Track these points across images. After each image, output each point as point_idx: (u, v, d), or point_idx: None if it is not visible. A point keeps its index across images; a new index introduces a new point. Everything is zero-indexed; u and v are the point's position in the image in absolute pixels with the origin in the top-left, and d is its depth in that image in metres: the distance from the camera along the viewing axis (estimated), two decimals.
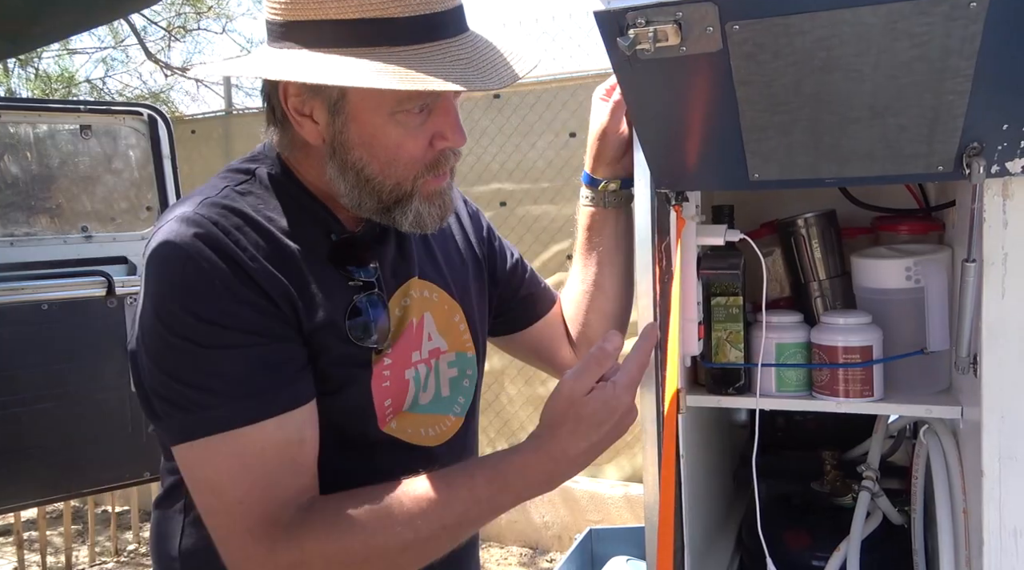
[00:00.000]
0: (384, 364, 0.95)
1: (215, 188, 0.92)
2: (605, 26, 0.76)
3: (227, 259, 0.83)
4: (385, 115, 0.87)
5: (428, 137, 0.89)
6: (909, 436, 1.42)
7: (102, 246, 2.59)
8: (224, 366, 0.82)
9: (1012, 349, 0.89)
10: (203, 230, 0.84)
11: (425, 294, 1.04)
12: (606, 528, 2.29)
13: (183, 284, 0.83)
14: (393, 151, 0.89)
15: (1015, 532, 0.90)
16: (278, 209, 0.93)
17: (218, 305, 0.82)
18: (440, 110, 0.89)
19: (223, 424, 0.81)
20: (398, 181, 0.90)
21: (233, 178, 0.95)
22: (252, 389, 0.82)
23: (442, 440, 1.04)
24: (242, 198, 0.91)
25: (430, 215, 0.93)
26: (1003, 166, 0.83)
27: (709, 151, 0.94)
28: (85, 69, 7.43)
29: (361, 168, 0.90)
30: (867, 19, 0.71)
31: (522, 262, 1.24)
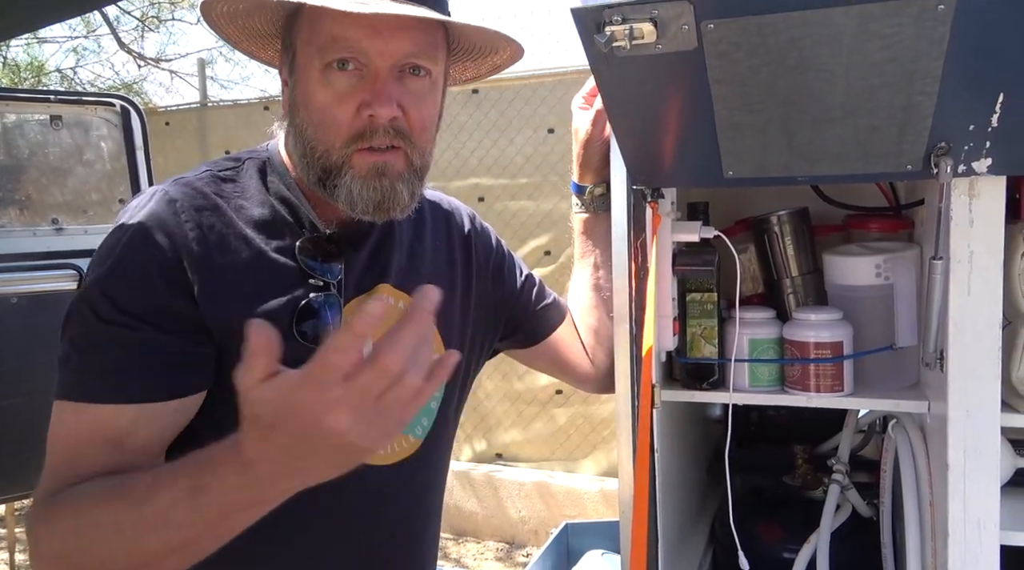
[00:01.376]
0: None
1: (197, 169, 0.94)
2: (582, 23, 0.77)
3: (166, 241, 0.84)
4: (317, 73, 0.87)
5: (355, 104, 0.87)
6: (878, 431, 1.44)
7: (73, 239, 2.55)
8: (102, 341, 0.83)
9: (978, 345, 0.91)
10: (158, 208, 0.86)
11: (399, 305, 1.01)
12: (582, 522, 2.30)
13: (110, 257, 0.85)
14: (322, 112, 0.88)
15: (979, 524, 0.92)
16: (254, 199, 0.93)
17: (127, 285, 0.83)
18: (371, 76, 0.87)
19: (72, 393, 0.83)
20: (327, 147, 0.89)
21: (220, 164, 0.96)
22: (108, 371, 0.83)
23: (395, 459, 1.00)
24: (218, 183, 0.92)
25: (363, 195, 0.89)
26: (969, 166, 0.85)
27: (684, 148, 0.95)
28: (55, 58, 7.30)
29: (303, 130, 0.91)
30: (839, 20, 0.72)
31: (531, 278, 1.23)
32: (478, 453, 3.88)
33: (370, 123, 0.87)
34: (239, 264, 0.88)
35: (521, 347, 1.23)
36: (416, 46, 0.88)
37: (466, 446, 3.89)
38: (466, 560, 3.61)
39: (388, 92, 0.87)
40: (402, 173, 0.91)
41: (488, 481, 3.75)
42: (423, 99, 0.91)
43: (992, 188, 0.89)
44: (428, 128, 0.93)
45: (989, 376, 0.91)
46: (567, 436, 3.67)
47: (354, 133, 0.88)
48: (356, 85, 0.87)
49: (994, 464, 0.92)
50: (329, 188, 0.90)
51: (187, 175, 0.92)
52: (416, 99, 0.90)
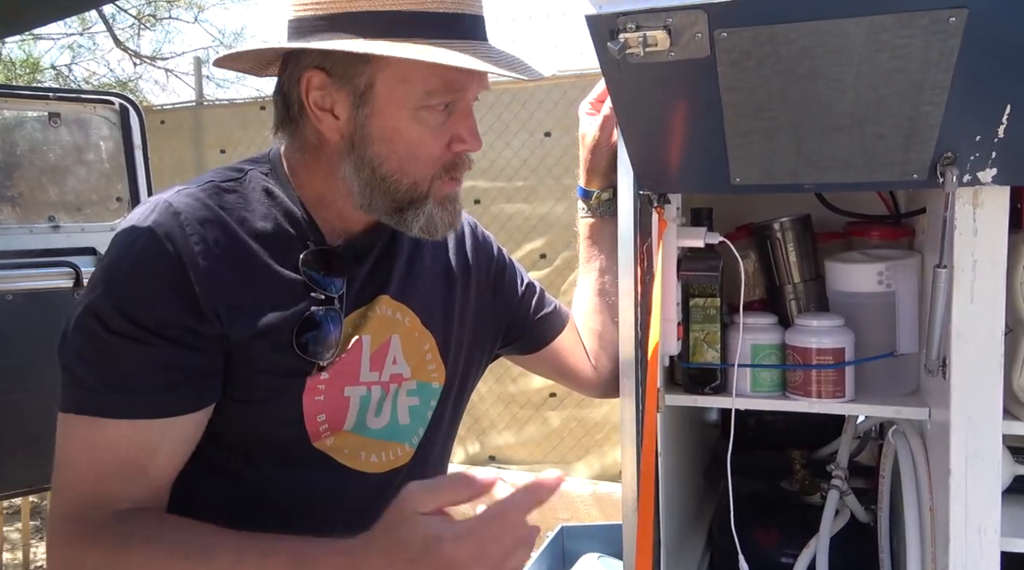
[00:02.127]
0: (320, 379, 0.93)
1: (200, 181, 0.93)
2: (596, 30, 0.77)
3: (172, 254, 0.84)
4: (410, 110, 0.88)
5: (447, 138, 0.91)
6: (875, 437, 1.46)
7: (70, 237, 2.54)
8: (115, 355, 0.83)
9: (980, 352, 0.92)
10: (162, 220, 0.86)
11: (397, 316, 1.02)
12: (577, 525, 2.30)
13: (118, 269, 0.85)
14: (413, 148, 0.90)
15: (980, 530, 0.93)
16: (257, 211, 0.93)
17: (138, 298, 0.83)
18: (460, 113, 0.91)
19: (86, 407, 0.83)
20: (415, 180, 0.91)
21: (222, 174, 0.95)
22: (126, 386, 0.83)
23: (387, 468, 1.01)
24: (221, 195, 0.91)
25: (442, 220, 0.94)
26: (975, 175, 0.86)
27: (693, 155, 0.96)
28: (50, 55, 7.26)
29: (379, 165, 0.91)
30: (850, 30, 0.73)
31: (532, 286, 1.24)
32: (471, 455, 3.88)
33: (459, 157, 0.93)
34: (243, 277, 0.89)
35: (522, 354, 1.24)
36: (487, 81, 0.94)
37: (459, 448, 3.89)
38: None
39: (476, 127, 0.93)
40: (460, 195, 0.97)
41: None
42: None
43: (996, 198, 0.90)
44: None
45: (991, 383, 0.92)
46: (560, 439, 3.67)
47: (444, 166, 0.92)
48: (444, 120, 0.91)
49: (995, 471, 0.93)
50: (408, 215, 0.93)
51: (189, 186, 0.92)
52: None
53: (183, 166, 4.60)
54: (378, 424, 1.00)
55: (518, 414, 3.74)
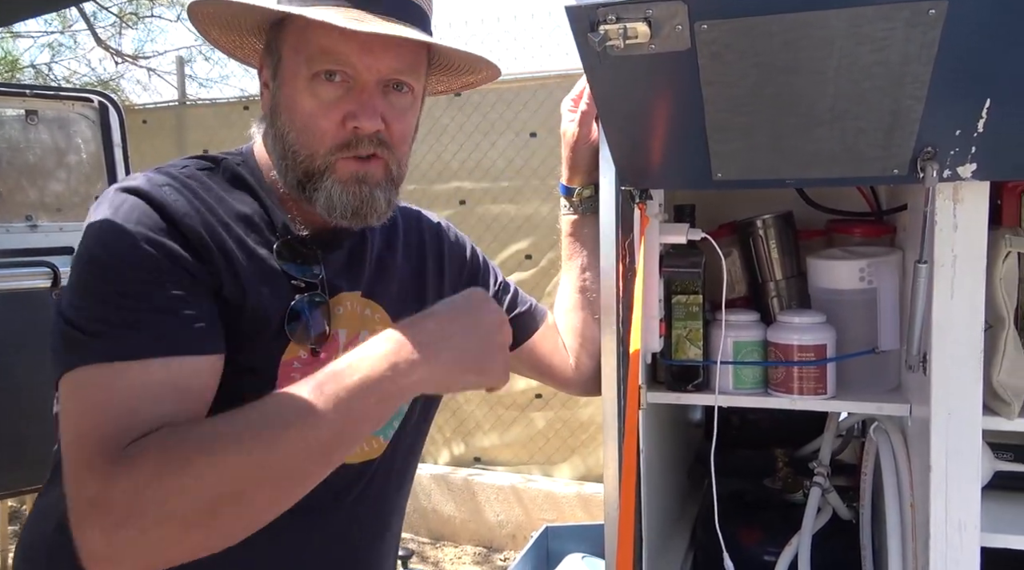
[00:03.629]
0: (294, 367, 0.92)
1: (177, 164, 0.93)
2: (576, 22, 0.76)
3: (162, 212, 0.84)
4: (304, 80, 0.89)
5: (341, 114, 0.90)
6: (857, 435, 1.46)
7: (48, 236, 2.50)
8: (126, 298, 0.79)
9: (960, 348, 0.92)
10: (148, 186, 0.85)
11: (366, 312, 1.02)
12: (561, 525, 2.30)
13: (114, 218, 0.83)
14: (306, 119, 0.90)
15: (960, 526, 0.93)
16: (232, 196, 0.93)
17: (140, 242, 0.81)
18: (357, 88, 0.90)
19: (103, 355, 0.76)
20: (310, 152, 0.91)
21: (198, 162, 0.95)
22: (145, 324, 0.78)
23: (361, 459, 1.00)
24: (196, 175, 0.92)
25: (341, 200, 0.91)
26: (955, 170, 0.86)
27: (674, 150, 0.95)
28: (30, 53, 7.16)
29: (285, 134, 0.92)
30: (831, 22, 0.73)
31: (506, 285, 1.23)
32: (456, 457, 3.86)
33: (355, 134, 0.91)
34: (230, 246, 0.88)
35: None
36: (402, 63, 0.91)
37: (444, 450, 3.87)
38: (444, 564, 3.59)
39: (374, 106, 0.90)
40: (380, 181, 0.94)
41: (466, 485, 3.74)
42: (404, 113, 0.95)
43: (976, 193, 0.90)
44: (407, 140, 0.97)
45: (971, 379, 0.92)
46: (546, 440, 3.66)
47: (339, 142, 0.91)
48: (342, 96, 0.90)
49: (975, 466, 0.93)
50: (309, 192, 0.92)
51: (167, 166, 0.92)
52: (398, 113, 0.93)
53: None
54: None
55: (503, 415, 3.73)
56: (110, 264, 0.80)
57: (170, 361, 0.78)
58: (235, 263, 0.88)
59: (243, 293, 0.87)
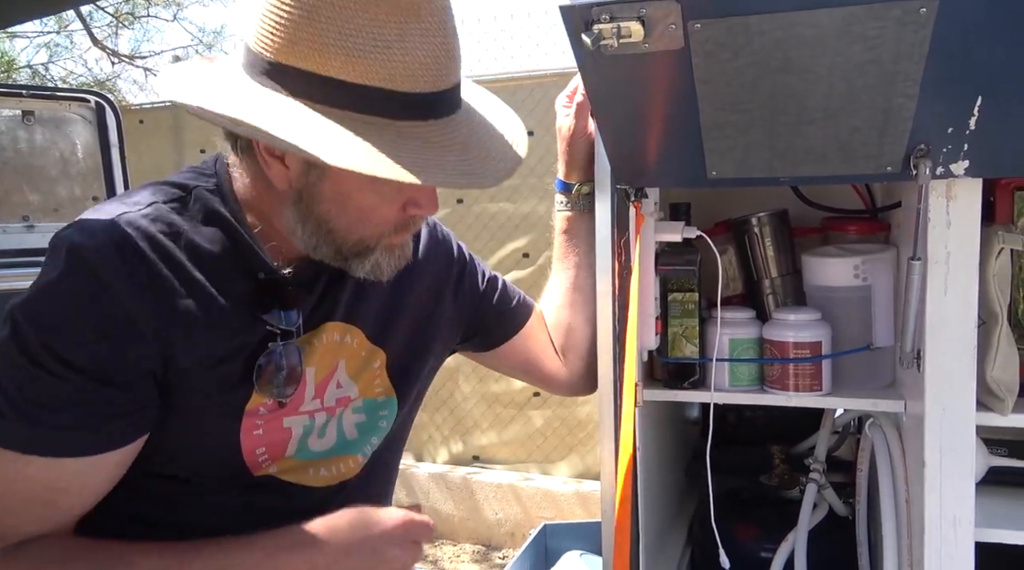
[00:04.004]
0: (258, 413, 0.90)
1: (141, 203, 0.86)
2: (570, 21, 0.77)
3: (110, 290, 0.78)
4: (365, 181, 0.79)
5: (402, 202, 0.86)
6: (853, 431, 1.46)
7: (44, 237, 2.47)
8: (35, 386, 0.77)
9: (954, 344, 0.93)
10: (101, 248, 0.79)
11: (346, 339, 0.98)
12: (560, 523, 2.30)
13: (48, 301, 0.78)
14: (365, 213, 0.85)
15: (955, 521, 0.94)
16: (203, 236, 0.87)
17: (66, 337, 0.77)
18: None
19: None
20: (362, 237, 0.87)
21: (166, 193, 0.88)
22: (42, 419, 0.77)
23: (338, 480, 0.99)
24: (164, 217, 0.85)
25: (388, 264, 0.90)
26: (947, 168, 0.87)
27: (669, 148, 0.96)
28: (26, 54, 7.13)
29: (327, 221, 0.86)
30: (823, 21, 0.73)
31: (494, 280, 1.20)
32: (454, 455, 3.86)
33: (413, 219, 0.89)
34: (190, 310, 0.83)
35: (481, 351, 1.21)
36: None
37: (442, 448, 3.88)
38: (442, 563, 3.59)
39: (435, 195, 0.88)
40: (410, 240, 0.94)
41: (464, 483, 3.74)
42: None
43: (969, 190, 0.90)
44: None
45: (965, 375, 0.93)
46: (544, 438, 3.67)
47: (396, 227, 0.88)
48: (402, 186, 0.81)
49: (969, 462, 0.93)
50: (353, 262, 0.89)
51: (130, 210, 0.84)
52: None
53: (162, 166, 4.54)
54: (322, 445, 0.97)
55: (501, 413, 3.74)
56: (34, 346, 0.77)
57: (53, 463, 0.78)
58: (193, 330, 0.83)
59: (200, 359, 0.84)
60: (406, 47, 0.77)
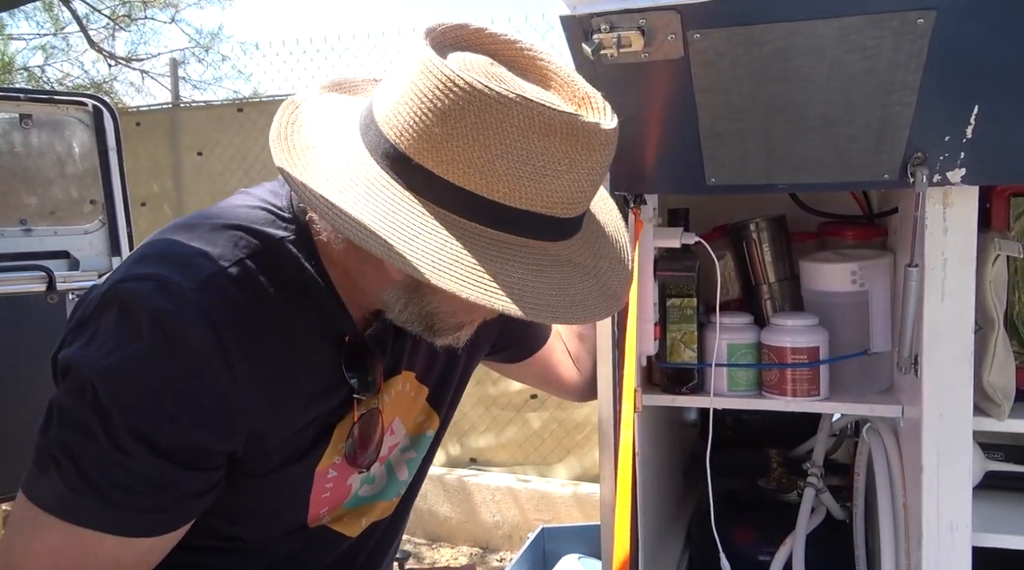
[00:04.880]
0: (328, 476, 0.88)
1: (226, 259, 0.77)
2: (570, 31, 0.77)
3: (203, 374, 0.73)
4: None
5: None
6: (850, 434, 1.47)
7: (43, 240, 2.50)
8: (113, 466, 0.72)
9: (951, 350, 0.93)
10: (195, 322, 0.72)
11: (406, 387, 0.97)
12: (557, 526, 2.31)
13: (136, 368, 0.71)
14: (473, 309, 0.76)
15: (952, 525, 0.94)
16: (289, 302, 0.80)
17: (156, 413, 0.72)
18: None
19: (68, 513, 0.72)
20: (460, 321, 0.83)
21: (249, 244, 0.79)
22: (116, 501, 0.73)
23: (364, 527, 0.97)
24: (253, 283, 0.78)
25: (467, 334, 0.86)
26: (944, 175, 0.87)
27: (668, 155, 0.96)
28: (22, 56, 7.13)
29: (434, 308, 0.81)
30: (822, 31, 0.74)
31: None
32: (452, 458, 3.86)
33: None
34: (283, 392, 0.80)
35: (507, 363, 1.22)
36: None
37: (441, 451, 3.86)
38: (440, 565, 3.59)
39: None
40: None
41: (462, 486, 3.74)
42: None
43: (965, 197, 0.91)
44: None
45: (962, 381, 0.94)
46: (541, 440, 3.67)
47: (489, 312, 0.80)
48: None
49: (967, 467, 0.94)
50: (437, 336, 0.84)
51: (215, 271, 0.76)
52: None
53: (159, 168, 4.55)
54: (370, 491, 0.97)
55: (499, 416, 3.74)
56: (118, 426, 0.71)
57: (127, 542, 0.74)
58: (286, 413, 0.81)
59: (285, 438, 0.82)
60: (573, 178, 0.72)
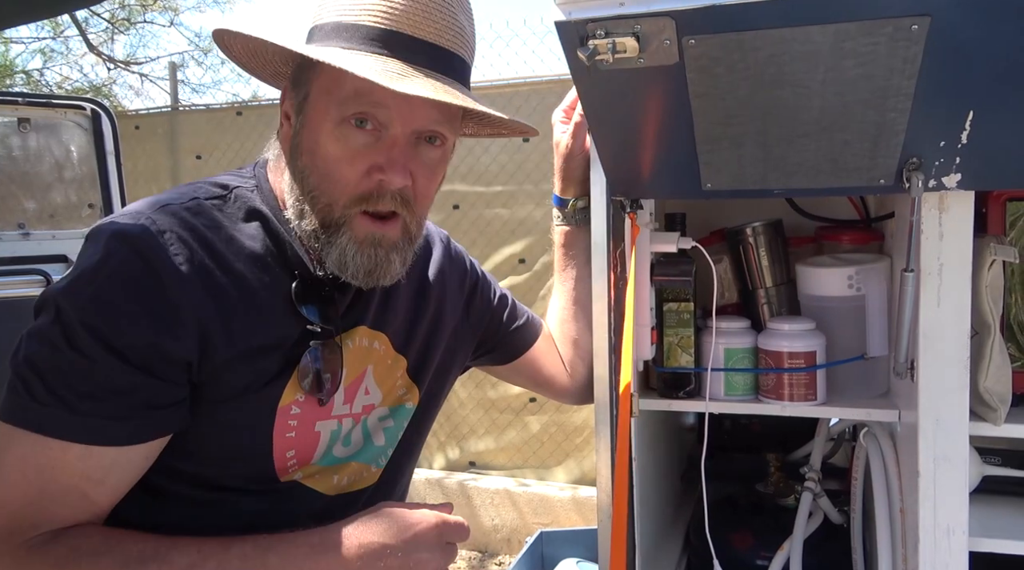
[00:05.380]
0: (291, 414, 0.90)
1: (184, 195, 0.88)
2: (566, 36, 0.77)
3: (153, 273, 0.80)
4: (332, 123, 0.85)
5: (367, 165, 0.85)
6: (848, 439, 1.47)
7: (40, 244, 2.50)
8: (73, 371, 0.77)
9: (947, 355, 0.93)
10: (143, 235, 0.81)
11: (374, 345, 0.99)
12: (556, 530, 2.30)
13: (90, 282, 0.79)
14: (330, 165, 0.86)
15: (949, 530, 0.94)
16: (243, 232, 0.88)
17: (108, 316, 0.78)
18: (387, 140, 0.86)
19: (31, 422, 0.77)
20: (329, 201, 0.86)
21: (206, 190, 0.90)
22: (79, 407, 0.77)
23: (352, 488, 0.99)
24: (205, 213, 0.87)
25: (354, 261, 0.87)
26: (940, 181, 0.87)
27: (664, 160, 0.96)
28: (21, 59, 7.14)
29: (305, 176, 0.87)
30: (816, 37, 0.74)
31: (504, 298, 1.22)
32: (451, 461, 3.86)
33: (378, 187, 0.86)
34: (231, 300, 0.84)
35: (496, 364, 1.24)
36: (441, 115, 0.87)
37: (439, 454, 3.87)
38: None
39: (404, 160, 0.86)
40: (397, 243, 0.89)
41: (461, 489, 3.74)
42: (434, 169, 0.91)
43: (961, 202, 0.91)
44: (431, 196, 0.92)
45: (958, 386, 0.94)
46: (540, 444, 3.67)
47: (360, 194, 0.86)
48: (371, 145, 0.85)
49: (963, 472, 0.94)
50: (323, 243, 0.88)
51: (172, 202, 0.86)
52: (427, 169, 0.89)
53: (158, 172, 4.55)
54: (346, 452, 0.98)
55: (498, 419, 3.74)
56: (77, 328, 0.77)
57: (91, 451, 0.78)
58: (233, 319, 0.84)
59: (238, 351, 0.84)
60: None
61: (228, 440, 0.88)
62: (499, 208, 3.67)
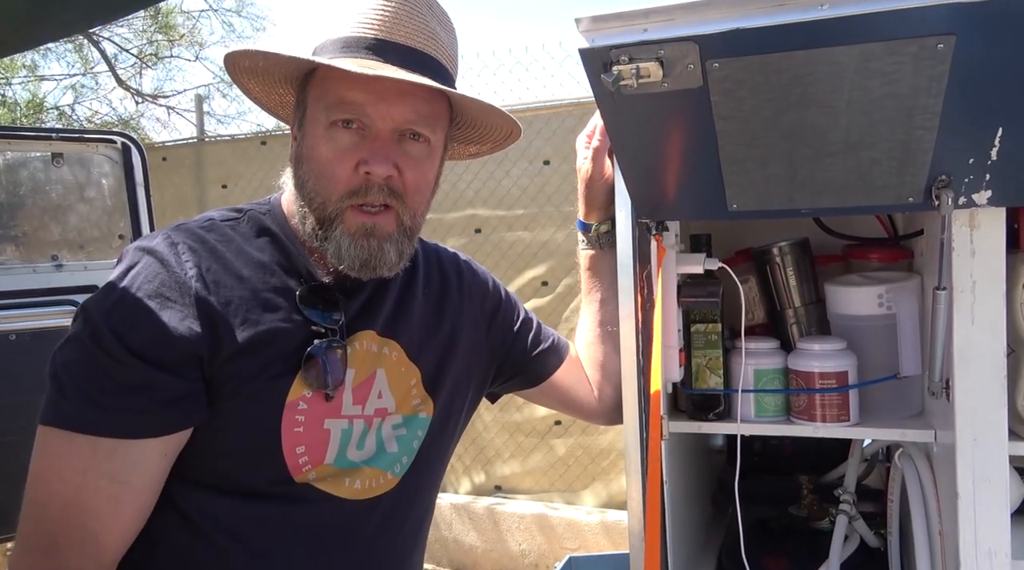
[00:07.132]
0: (299, 409, 0.94)
1: (201, 217, 0.98)
2: (590, 62, 0.78)
3: (168, 277, 0.89)
4: (323, 127, 0.93)
5: (355, 160, 0.92)
6: (882, 459, 1.44)
7: (73, 275, 2.54)
8: (98, 371, 0.85)
9: (983, 373, 0.92)
10: (162, 246, 0.91)
11: (383, 351, 1.03)
12: (585, 555, 2.27)
13: (116, 285, 0.88)
14: (323, 165, 0.93)
15: (990, 553, 0.92)
16: (252, 246, 0.97)
17: (127, 316, 0.86)
18: (371, 136, 0.93)
19: (62, 420, 0.84)
20: (324, 199, 0.94)
21: (223, 213, 1.00)
22: (105, 403, 0.84)
23: (368, 495, 1.00)
24: (217, 229, 0.96)
25: (349, 253, 0.94)
26: (970, 198, 0.87)
27: (689, 182, 0.97)
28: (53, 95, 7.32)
29: (305, 181, 0.95)
30: (841, 58, 0.74)
31: (528, 320, 1.24)
32: (477, 486, 3.84)
33: (366, 180, 0.93)
34: (235, 302, 0.91)
35: (523, 388, 1.25)
36: (416, 113, 0.94)
37: (465, 478, 3.86)
38: None
39: (385, 152, 0.93)
40: (391, 234, 0.96)
41: (488, 514, 3.72)
42: (420, 162, 0.97)
43: (992, 219, 0.90)
44: (422, 190, 0.98)
45: (995, 404, 0.92)
46: (566, 467, 3.64)
47: (350, 189, 0.93)
48: (357, 143, 0.93)
49: (1004, 492, 0.92)
50: (321, 240, 0.95)
51: (189, 222, 0.97)
52: (413, 162, 0.96)
53: (185, 202, 4.62)
54: (359, 456, 1.00)
55: (523, 442, 3.72)
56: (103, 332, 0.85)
57: (117, 446, 0.85)
58: (242, 316, 0.91)
59: (245, 346, 0.90)
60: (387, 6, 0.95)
61: (240, 435, 0.92)
62: (521, 231, 3.68)
